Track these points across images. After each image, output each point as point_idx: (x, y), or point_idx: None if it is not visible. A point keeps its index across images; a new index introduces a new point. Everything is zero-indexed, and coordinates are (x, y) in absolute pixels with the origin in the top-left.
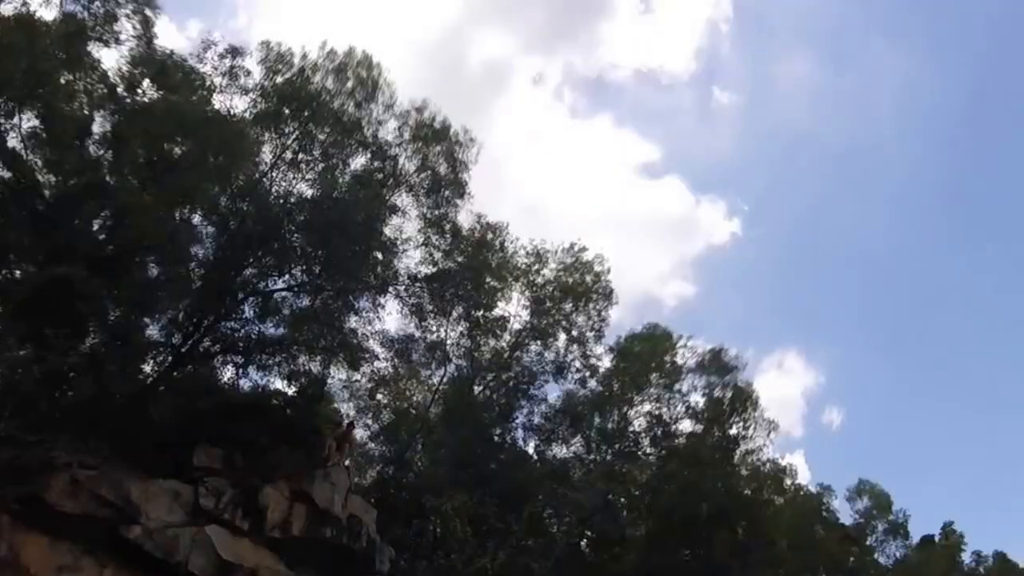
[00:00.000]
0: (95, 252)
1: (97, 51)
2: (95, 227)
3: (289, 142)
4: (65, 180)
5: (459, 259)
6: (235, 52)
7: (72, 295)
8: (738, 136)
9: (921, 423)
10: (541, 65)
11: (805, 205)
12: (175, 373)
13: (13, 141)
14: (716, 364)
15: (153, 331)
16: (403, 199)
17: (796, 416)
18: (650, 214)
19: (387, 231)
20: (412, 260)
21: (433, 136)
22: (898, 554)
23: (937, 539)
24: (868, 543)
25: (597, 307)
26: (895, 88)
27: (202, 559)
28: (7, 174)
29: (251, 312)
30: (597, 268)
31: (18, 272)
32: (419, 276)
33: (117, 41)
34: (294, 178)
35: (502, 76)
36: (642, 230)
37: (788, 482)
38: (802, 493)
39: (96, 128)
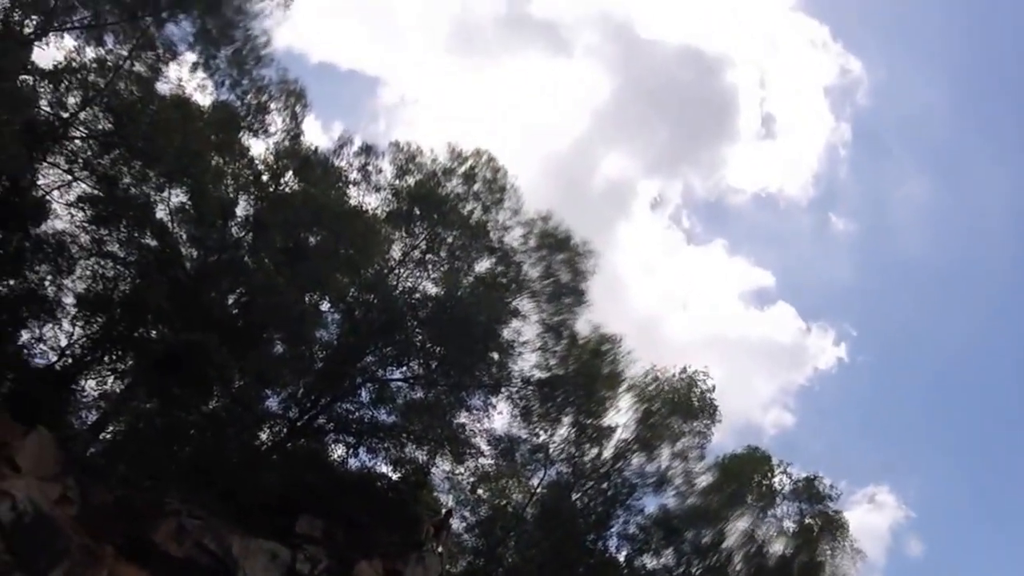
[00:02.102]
0: (228, 324)
1: (246, 139)
2: (230, 301)
3: (418, 241)
4: (206, 255)
5: (573, 366)
6: (368, 151)
7: (202, 360)
8: (851, 262)
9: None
10: (662, 187)
11: (912, 330)
12: (288, 444)
13: (162, 214)
14: (809, 491)
15: (272, 403)
16: (524, 303)
17: (881, 548)
18: (759, 340)
19: (506, 333)
20: (527, 363)
21: (556, 245)
22: None
23: None
24: None
25: (702, 424)
26: (1010, 208)
27: None
28: (154, 243)
29: (367, 397)
30: (703, 386)
31: (154, 332)
32: (532, 379)
33: (266, 132)
34: (420, 275)
35: (624, 196)
36: (750, 356)
37: None
38: None
39: (239, 211)
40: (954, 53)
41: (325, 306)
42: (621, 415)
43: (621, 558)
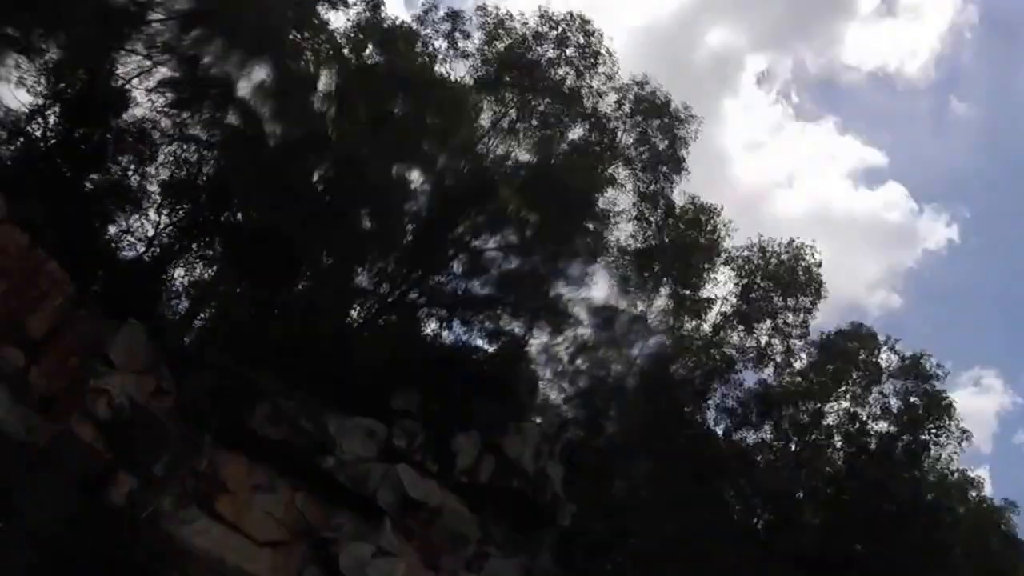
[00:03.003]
0: (314, 201)
1: (325, 13)
2: (315, 178)
3: (508, 109)
4: (290, 132)
5: (670, 236)
6: (455, 17)
7: (289, 240)
8: (970, 146)
9: None
10: (771, 62)
11: None
12: (380, 321)
13: (243, 92)
14: (915, 369)
15: (363, 279)
16: (619, 172)
17: (987, 433)
18: (867, 220)
19: (601, 202)
20: (623, 233)
21: (653, 111)
22: None
23: None
24: None
25: (805, 300)
26: None
27: (390, 494)
28: (237, 122)
29: (459, 269)
30: (809, 261)
31: (240, 215)
32: (629, 249)
33: (345, 5)
34: (511, 143)
35: (729, 71)
36: (857, 236)
37: (973, 493)
38: (984, 506)
39: (321, 85)
40: None
41: (413, 177)
42: (720, 287)
43: (719, 431)
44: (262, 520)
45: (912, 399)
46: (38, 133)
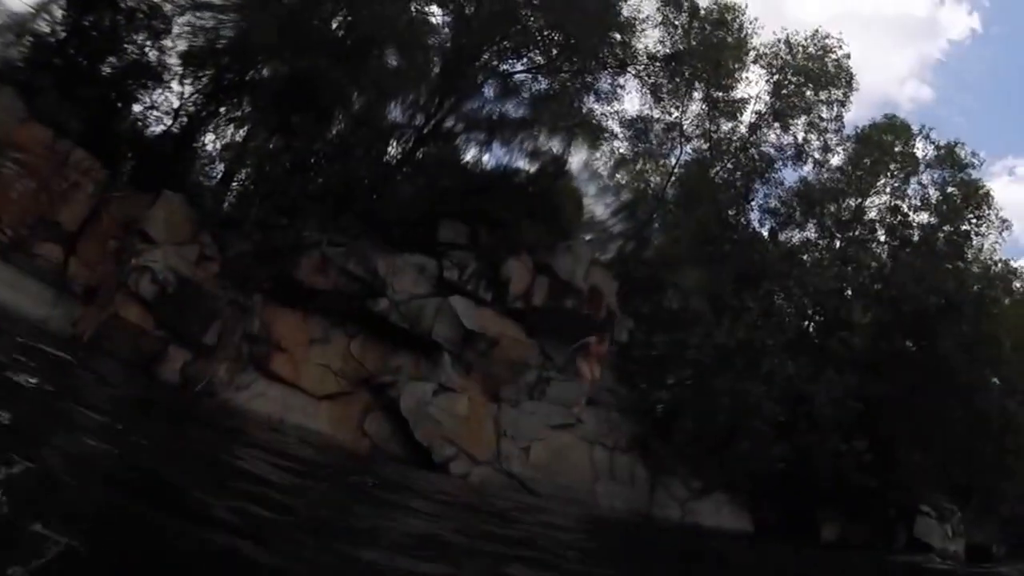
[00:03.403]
0: (336, 47)
1: None
2: (335, 25)
3: None
4: None
5: (697, 38)
6: None
7: (316, 87)
8: None
9: None
10: None
11: None
12: (418, 153)
13: None
14: (952, 158)
15: (396, 114)
16: None
17: (1022, 223)
18: (892, 13)
19: (624, 10)
20: (650, 40)
21: None
22: None
23: None
24: None
25: (838, 93)
26: None
27: (447, 328)
28: None
29: (491, 93)
30: (838, 53)
31: (265, 71)
32: (658, 56)
33: None
34: None
35: None
36: (883, 30)
37: (1017, 284)
38: None
39: None
40: None
41: (434, 9)
42: (752, 87)
43: (765, 232)
44: (320, 374)
45: (950, 189)
46: (47, 29)
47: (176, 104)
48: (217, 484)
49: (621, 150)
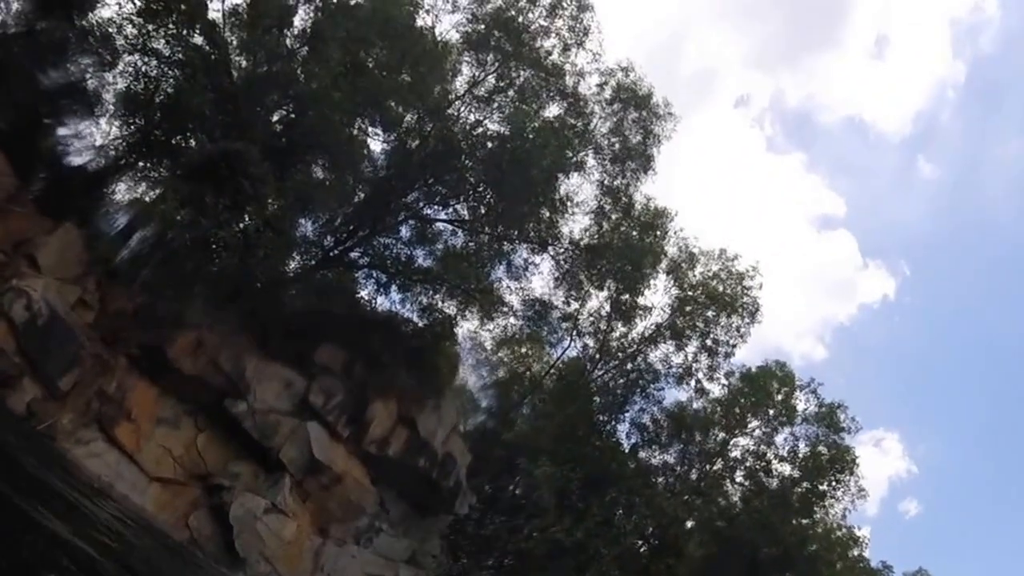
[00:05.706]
0: (270, 141)
1: None
2: (275, 118)
3: (487, 74)
4: (256, 65)
5: (623, 235)
6: None
7: (239, 173)
8: (928, 209)
9: (997, 537)
10: (752, 85)
11: (970, 290)
12: (319, 273)
13: (215, 14)
14: (830, 419)
15: (307, 229)
16: (588, 159)
17: (876, 496)
18: (812, 266)
19: (563, 188)
20: (577, 225)
21: (634, 102)
22: None
23: None
24: None
25: (741, 321)
26: None
27: (296, 451)
28: (202, 44)
29: (407, 234)
30: (748, 282)
31: (193, 141)
32: (581, 243)
33: None
34: (485, 112)
35: (710, 86)
36: (800, 280)
37: (855, 552)
38: (861, 565)
39: (297, 20)
40: None
41: (378, 131)
42: (658, 296)
43: (627, 445)
44: (159, 455)
45: (820, 448)
46: None
47: (99, 142)
48: None
49: (513, 328)
